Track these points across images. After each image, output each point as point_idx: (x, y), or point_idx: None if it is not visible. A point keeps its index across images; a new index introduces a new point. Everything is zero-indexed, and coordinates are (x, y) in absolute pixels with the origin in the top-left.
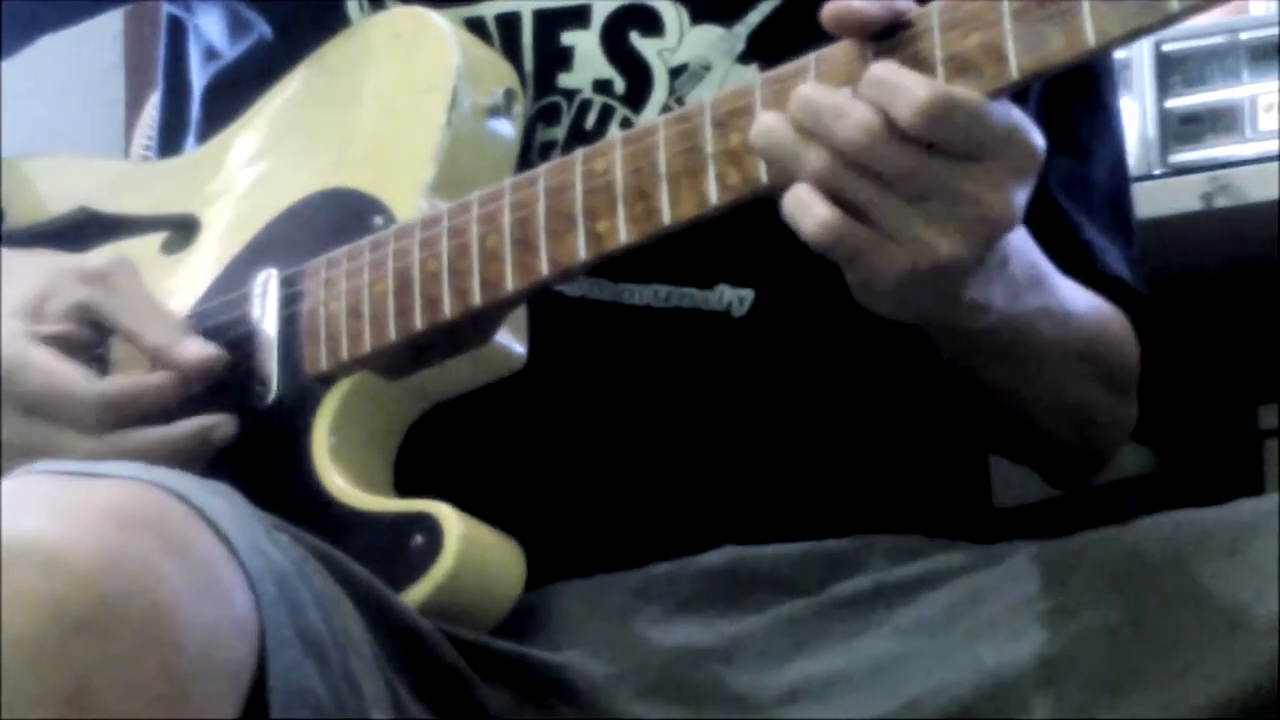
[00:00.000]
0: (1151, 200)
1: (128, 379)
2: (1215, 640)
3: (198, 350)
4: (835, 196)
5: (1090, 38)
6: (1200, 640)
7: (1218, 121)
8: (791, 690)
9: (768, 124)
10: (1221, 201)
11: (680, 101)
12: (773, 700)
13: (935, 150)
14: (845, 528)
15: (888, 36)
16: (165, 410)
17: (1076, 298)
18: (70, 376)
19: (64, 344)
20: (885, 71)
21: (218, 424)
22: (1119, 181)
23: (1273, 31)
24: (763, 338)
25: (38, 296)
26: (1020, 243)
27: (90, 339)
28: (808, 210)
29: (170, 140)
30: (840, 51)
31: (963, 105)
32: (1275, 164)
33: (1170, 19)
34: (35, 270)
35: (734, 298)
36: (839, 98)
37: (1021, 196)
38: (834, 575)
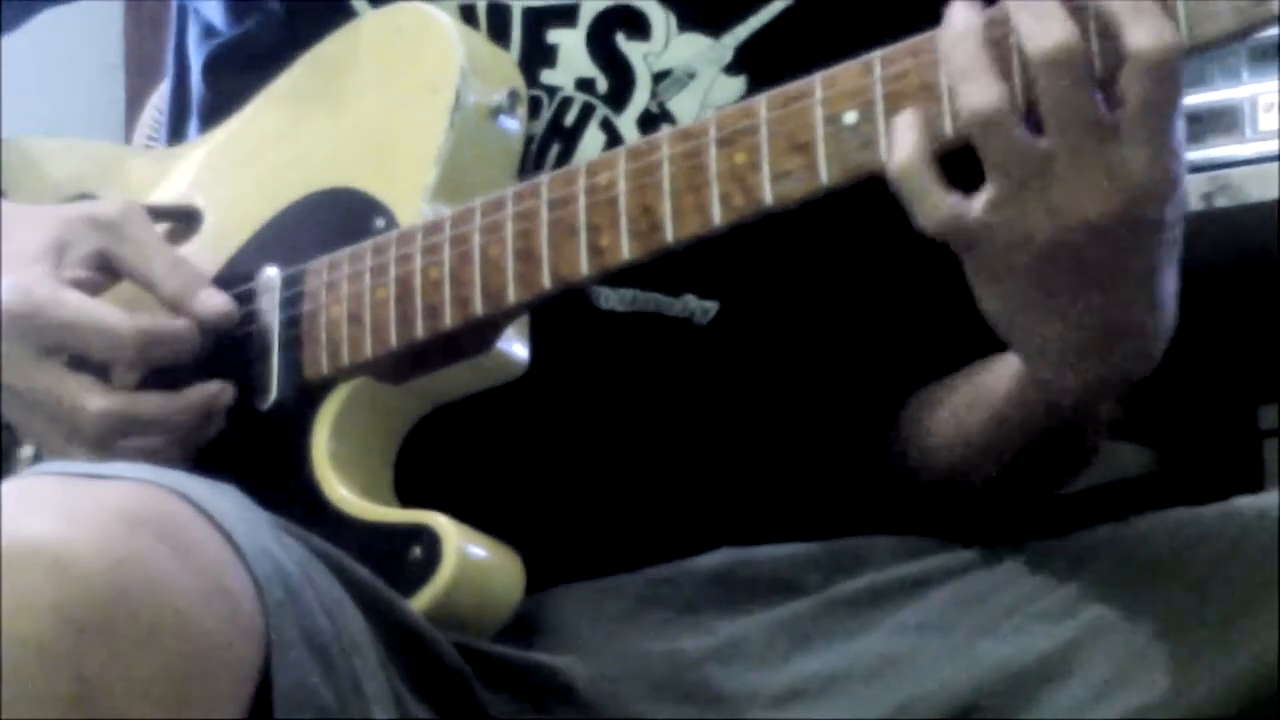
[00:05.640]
0: None
1: (155, 318)
2: (1217, 636)
3: (215, 301)
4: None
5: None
6: (1202, 636)
7: (1218, 121)
8: (791, 690)
9: (960, 28)
10: (1221, 201)
11: (662, 106)
12: (773, 700)
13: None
14: (830, 533)
15: None
16: (188, 358)
17: None
18: (108, 311)
19: (89, 289)
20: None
21: (223, 390)
22: None
23: (1273, 32)
24: (722, 347)
25: (57, 245)
26: None
27: (108, 285)
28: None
29: (179, 128)
30: (845, 72)
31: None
32: (1275, 164)
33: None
34: (48, 220)
35: (698, 308)
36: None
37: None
38: (833, 576)
